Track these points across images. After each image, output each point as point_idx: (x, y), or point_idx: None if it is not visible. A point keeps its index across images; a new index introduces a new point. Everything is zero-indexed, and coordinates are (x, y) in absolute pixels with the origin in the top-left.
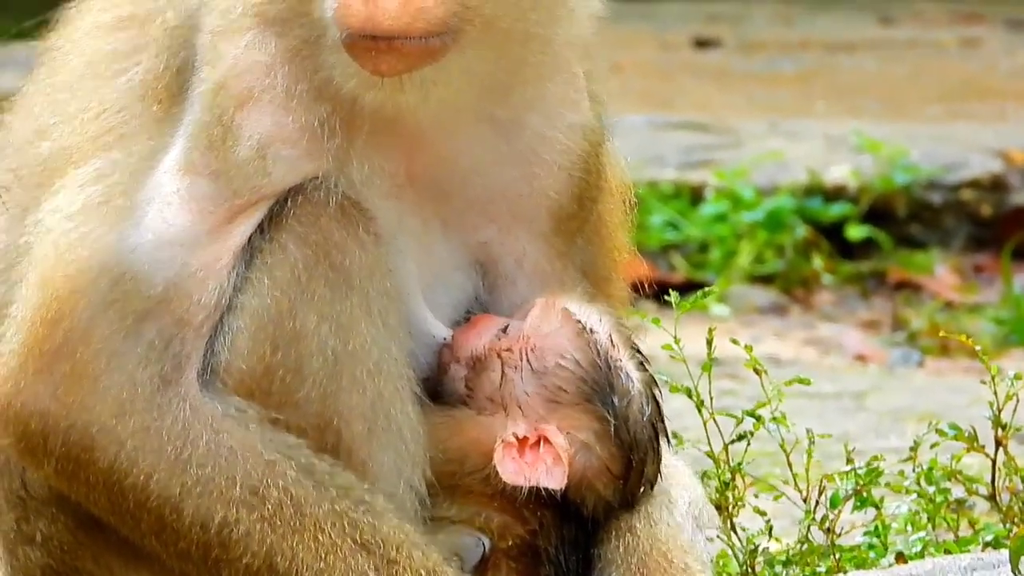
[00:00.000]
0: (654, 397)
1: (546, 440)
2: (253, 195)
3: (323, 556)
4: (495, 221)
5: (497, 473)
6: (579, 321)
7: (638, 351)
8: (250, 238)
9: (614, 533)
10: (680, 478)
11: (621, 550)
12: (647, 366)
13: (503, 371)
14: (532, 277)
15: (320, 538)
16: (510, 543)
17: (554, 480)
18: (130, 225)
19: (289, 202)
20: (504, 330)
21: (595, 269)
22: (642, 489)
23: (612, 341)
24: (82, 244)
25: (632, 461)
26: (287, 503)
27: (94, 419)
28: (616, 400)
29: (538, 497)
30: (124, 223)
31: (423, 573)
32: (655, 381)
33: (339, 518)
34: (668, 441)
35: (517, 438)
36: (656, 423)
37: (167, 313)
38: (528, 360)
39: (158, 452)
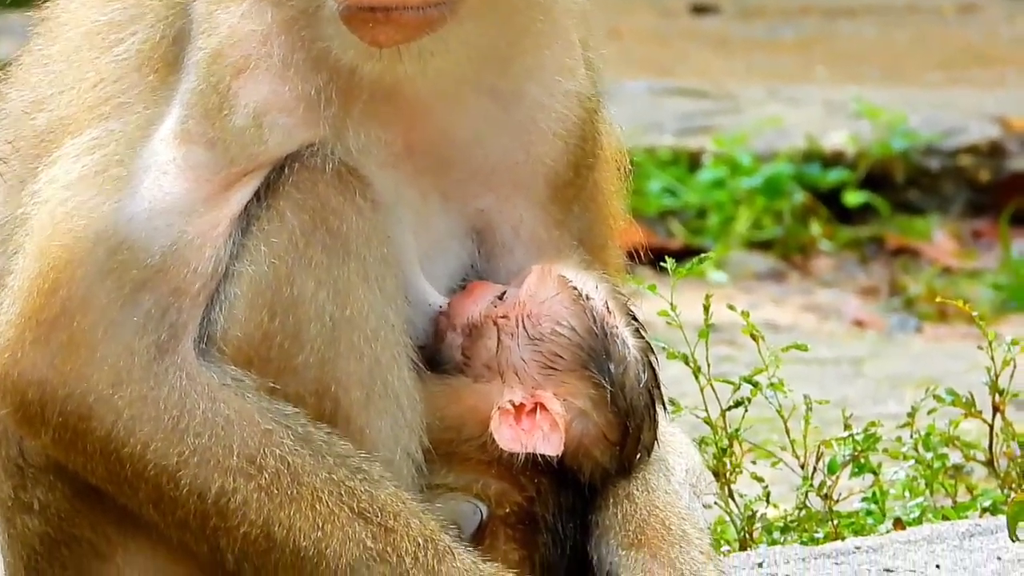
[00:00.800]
0: (651, 364)
1: (543, 407)
2: (249, 163)
3: (320, 525)
4: (493, 190)
5: (494, 440)
6: (575, 288)
7: (634, 318)
8: (247, 206)
9: (612, 500)
10: (677, 445)
11: (619, 517)
12: (643, 333)
13: (499, 338)
14: (529, 245)
15: (317, 507)
16: (507, 510)
17: (551, 446)
18: (127, 194)
19: (286, 169)
20: (500, 297)
21: (591, 237)
22: (639, 456)
23: (608, 308)
24: (79, 214)
25: (629, 428)
26: (284, 472)
27: (91, 388)
28: (612, 367)
29: (535, 464)
30: (121, 192)
31: (420, 541)
32: (651, 348)
33: (336, 486)
34: (665, 408)
35: (514, 405)
36: (653, 390)
37: (164, 282)
38: (524, 327)
39: (155, 421)
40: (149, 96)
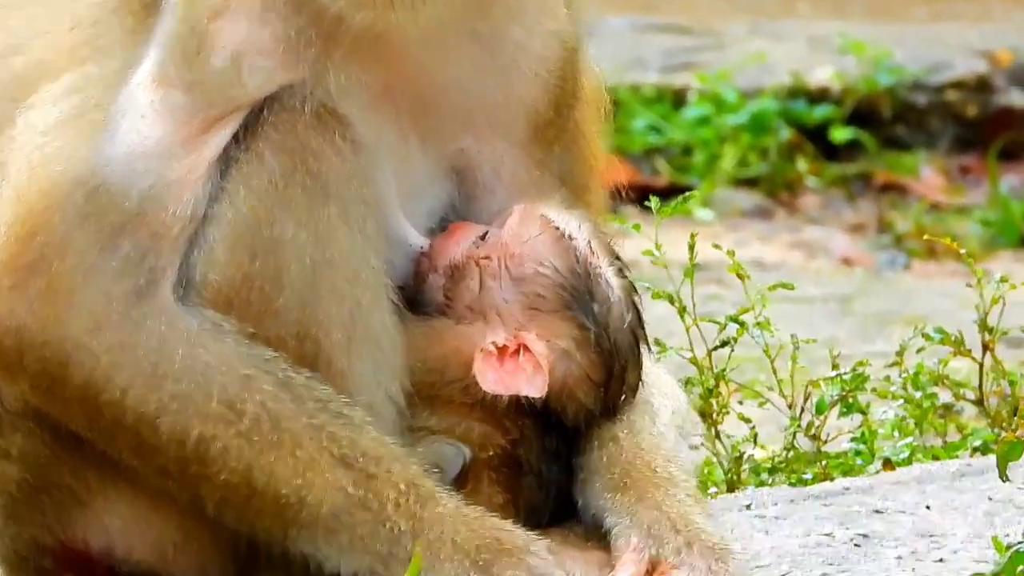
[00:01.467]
0: (634, 304)
1: (526, 348)
2: (228, 106)
3: (301, 472)
4: (473, 130)
5: (477, 382)
6: (558, 228)
7: (617, 257)
8: (226, 148)
9: (596, 443)
10: (663, 386)
11: (604, 460)
12: (627, 273)
13: (481, 279)
14: (510, 186)
15: (298, 453)
16: (491, 453)
17: (534, 388)
18: (105, 138)
19: (265, 111)
20: (482, 238)
21: (573, 177)
22: (623, 397)
23: (591, 248)
24: (56, 158)
25: (613, 369)
26: (264, 418)
27: (69, 334)
28: (596, 307)
29: (518, 407)
30: (99, 136)
31: (402, 487)
32: (635, 288)
33: (317, 432)
34: (649, 348)
35: (497, 347)
36: (637, 330)
37: (142, 226)
38: (507, 268)
39: (134, 368)
40: (127, 39)
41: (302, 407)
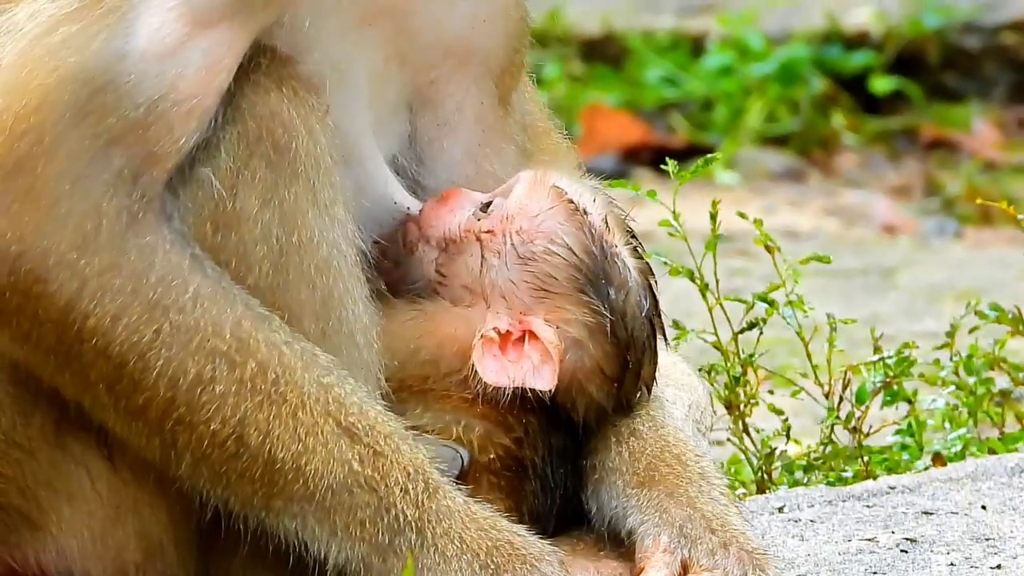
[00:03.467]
0: (652, 289)
1: (532, 335)
2: (262, 17)
3: (302, 437)
4: (450, 60)
5: (477, 374)
6: (571, 200)
7: (633, 236)
8: None
9: (613, 439)
10: (678, 376)
11: (626, 456)
12: (642, 253)
13: (483, 256)
14: (472, 124)
15: (300, 415)
16: (492, 455)
17: (542, 380)
18: (120, 30)
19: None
20: (484, 208)
21: (535, 121)
22: (639, 393)
23: (607, 224)
24: (63, 48)
25: (628, 361)
26: (274, 365)
27: (51, 248)
28: (612, 292)
29: (523, 402)
30: (114, 27)
31: (410, 471)
32: (652, 271)
33: (325, 392)
34: (666, 339)
35: (499, 333)
36: (654, 319)
37: (140, 141)
38: (513, 244)
39: (131, 294)
40: None
41: (313, 362)
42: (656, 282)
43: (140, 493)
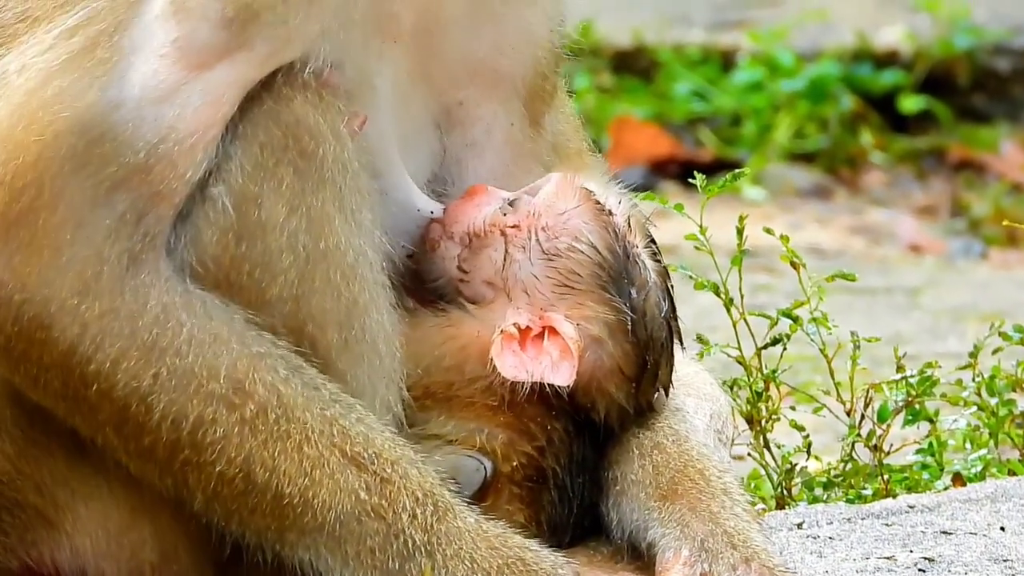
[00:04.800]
0: (669, 293)
1: (552, 331)
2: (264, 48)
3: (308, 470)
4: (477, 81)
5: (502, 379)
6: (598, 201)
7: (652, 240)
8: None
9: (636, 452)
10: (700, 386)
11: (650, 468)
12: (660, 258)
13: (507, 251)
14: (502, 146)
15: (305, 448)
16: (514, 464)
17: (561, 375)
18: (114, 79)
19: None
20: (510, 204)
21: (566, 141)
22: (656, 395)
23: (630, 226)
24: (57, 101)
25: (647, 361)
26: (273, 404)
27: (54, 295)
28: (634, 291)
29: (546, 405)
30: (107, 76)
31: (419, 495)
32: (668, 275)
33: (329, 425)
34: (682, 343)
35: (519, 329)
36: (671, 321)
37: (144, 184)
38: (538, 239)
39: (129, 338)
40: None
41: (315, 396)
42: (672, 286)
43: (156, 496)
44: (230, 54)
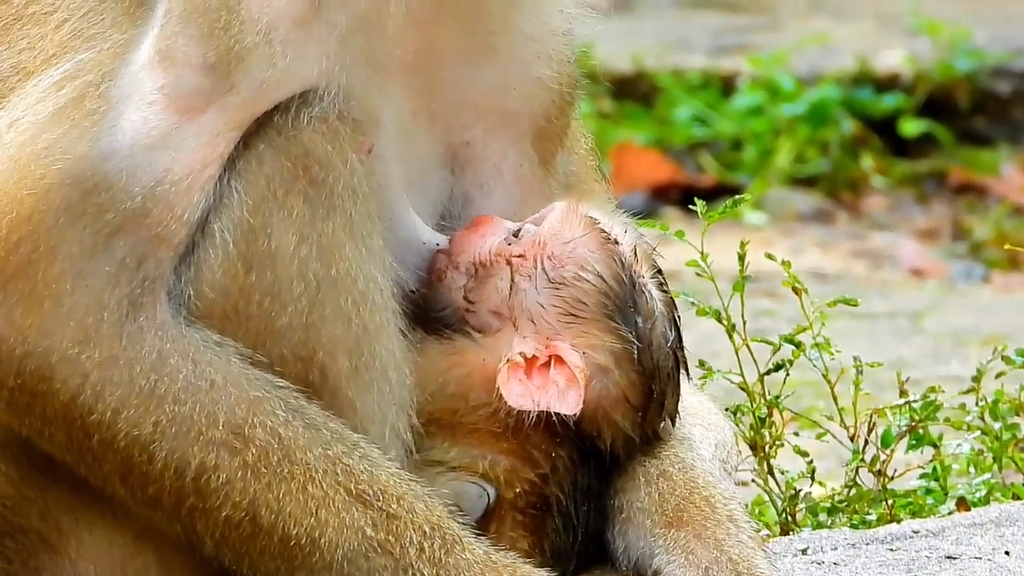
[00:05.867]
0: (676, 323)
1: (559, 360)
2: (252, 91)
3: (313, 510)
4: (484, 121)
5: (506, 407)
6: (604, 230)
7: (659, 271)
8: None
9: (643, 480)
10: (705, 416)
11: (655, 496)
12: (667, 288)
13: (513, 280)
14: (511, 185)
15: (310, 489)
16: (517, 490)
17: (567, 405)
18: (105, 129)
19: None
20: (516, 234)
21: (578, 180)
22: (663, 424)
23: (636, 255)
24: (48, 154)
25: (653, 391)
26: (274, 447)
27: (54, 346)
28: (640, 320)
29: (551, 433)
30: (98, 127)
31: (426, 529)
32: (675, 305)
33: (332, 464)
34: (688, 374)
35: (525, 358)
36: (678, 352)
37: (142, 228)
38: (544, 268)
39: (128, 385)
40: (123, 19)
41: (316, 436)
42: (679, 316)
43: None
44: (218, 98)
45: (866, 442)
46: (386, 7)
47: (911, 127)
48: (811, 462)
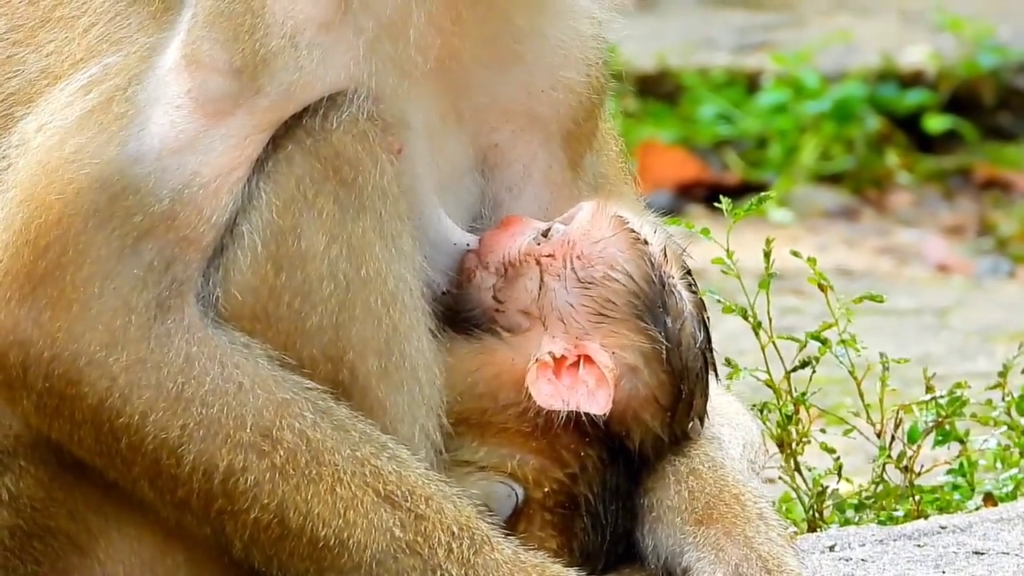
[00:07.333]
0: (705, 323)
1: (588, 359)
2: (278, 94)
3: (342, 511)
4: (513, 123)
5: (535, 406)
6: (633, 230)
7: (688, 272)
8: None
9: (673, 479)
10: (733, 416)
11: (685, 494)
12: (696, 288)
13: (542, 279)
14: (541, 187)
15: (338, 490)
16: (546, 490)
17: (596, 404)
18: (132, 133)
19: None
20: (545, 234)
21: (607, 183)
22: (691, 424)
23: (666, 255)
24: (77, 159)
25: (681, 391)
26: (302, 449)
27: (82, 350)
28: (669, 321)
29: (580, 433)
30: (125, 131)
31: (455, 530)
32: (704, 306)
33: (360, 465)
34: (717, 374)
35: (554, 358)
36: (707, 352)
37: (170, 230)
38: (573, 268)
39: (156, 388)
40: (151, 25)
41: (344, 438)
42: (708, 317)
43: None
44: (245, 101)
45: (893, 438)
46: (408, 13)
47: (936, 123)
48: (838, 459)
